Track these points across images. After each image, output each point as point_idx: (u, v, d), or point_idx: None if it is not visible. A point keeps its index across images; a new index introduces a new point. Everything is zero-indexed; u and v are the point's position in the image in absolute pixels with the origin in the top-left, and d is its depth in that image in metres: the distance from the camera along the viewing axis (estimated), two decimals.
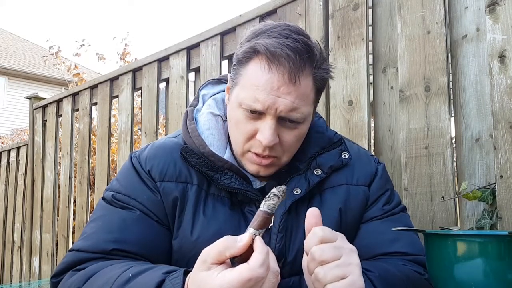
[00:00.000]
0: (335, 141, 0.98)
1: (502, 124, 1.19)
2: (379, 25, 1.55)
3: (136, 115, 4.46)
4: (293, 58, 0.80)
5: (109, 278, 0.76)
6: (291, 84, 0.81)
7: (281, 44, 0.81)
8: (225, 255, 0.63)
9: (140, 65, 2.47)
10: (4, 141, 9.42)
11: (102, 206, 0.92)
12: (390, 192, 0.99)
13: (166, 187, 0.90)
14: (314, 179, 0.92)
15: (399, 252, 0.91)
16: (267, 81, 0.81)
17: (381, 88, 1.53)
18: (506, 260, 0.67)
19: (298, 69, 0.81)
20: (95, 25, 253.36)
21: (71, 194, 2.97)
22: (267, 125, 0.83)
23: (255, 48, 0.83)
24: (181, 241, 0.89)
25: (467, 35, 1.34)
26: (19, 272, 3.43)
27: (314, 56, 0.84)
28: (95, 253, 0.85)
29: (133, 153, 0.97)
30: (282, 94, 0.81)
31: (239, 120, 0.87)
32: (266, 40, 0.82)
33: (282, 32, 0.83)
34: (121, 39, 7.15)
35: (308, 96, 0.85)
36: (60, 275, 0.86)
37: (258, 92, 0.82)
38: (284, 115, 0.83)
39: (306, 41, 0.83)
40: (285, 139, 0.86)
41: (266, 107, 0.82)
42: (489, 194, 1.22)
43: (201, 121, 0.96)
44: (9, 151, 3.80)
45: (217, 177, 0.89)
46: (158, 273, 0.71)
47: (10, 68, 14.00)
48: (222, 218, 0.89)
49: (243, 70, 0.86)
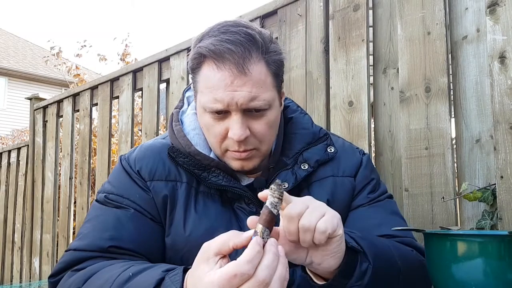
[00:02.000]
0: (320, 136, 1.01)
1: (502, 125, 1.19)
2: (380, 26, 1.55)
3: (137, 116, 4.45)
4: (235, 51, 0.82)
5: (109, 278, 0.76)
6: (242, 75, 0.83)
7: (221, 40, 0.83)
8: (229, 245, 0.62)
9: (140, 65, 2.47)
10: (5, 141, 9.42)
11: (96, 208, 0.94)
12: (375, 181, 1.02)
13: (156, 186, 0.92)
14: (301, 173, 0.94)
15: (387, 235, 0.93)
16: (219, 80, 0.84)
17: (381, 88, 1.53)
18: (506, 260, 0.67)
19: (244, 59, 0.83)
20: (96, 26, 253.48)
21: (71, 195, 2.97)
22: (233, 121, 0.86)
23: (199, 52, 0.86)
24: (174, 238, 0.91)
25: (468, 36, 1.34)
26: (19, 273, 3.43)
27: (257, 43, 0.85)
28: (92, 252, 0.85)
29: (123, 156, 1.00)
30: (237, 87, 0.83)
31: (209, 124, 0.89)
32: (207, 41, 0.85)
33: (221, 29, 0.86)
34: (121, 40, 7.15)
35: (265, 81, 0.86)
36: (57, 275, 0.87)
37: (215, 93, 0.84)
38: (246, 106, 0.85)
39: (245, 30, 0.85)
40: (256, 129, 0.88)
41: (226, 104, 0.84)
42: (489, 195, 1.22)
43: (186, 122, 0.99)
44: (9, 151, 3.80)
45: (205, 175, 0.92)
46: (158, 271, 0.72)
47: (11, 68, 14.01)
48: (213, 214, 0.91)
49: (198, 76, 0.89)
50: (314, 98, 1.66)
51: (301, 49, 1.71)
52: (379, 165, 1.51)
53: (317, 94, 1.65)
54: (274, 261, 0.60)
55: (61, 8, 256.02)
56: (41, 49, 15.51)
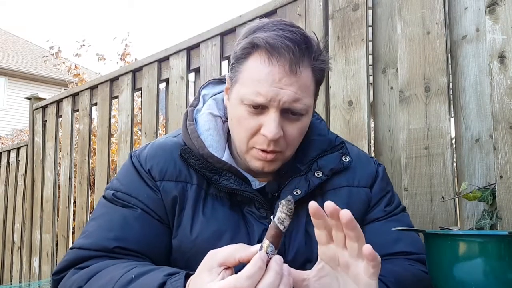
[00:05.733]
0: (336, 144, 0.98)
1: (502, 124, 1.19)
2: (379, 26, 1.55)
3: (136, 116, 4.45)
4: (293, 49, 0.80)
5: (111, 278, 0.75)
6: (292, 75, 0.81)
7: (280, 36, 0.81)
8: (235, 257, 0.61)
9: (140, 65, 2.47)
10: (4, 141, 9.42)
11: (102, 205, 0.92)
12: (391, 193, 1.00)
13: (166, 186, 0.90)
14: (314, 181, 0.92)
15: (403, 252, 0.91)
16: (268, 73, 0.81)
17: (381, 88, 1.53)
18: (506, 260, 0.67)
19: (298, 59, 0.81)
20: (96, 26, 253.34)
21: (71, 195, 2.97)
22: (271, 118, 0.83)
23: (253, 42, 0.83)
24: (180, 240, 0.89)
25: (467, 36, 1.34)
26: (19, 273, 3.43)
27: (312, 47, 0.84)
28: (96, 251, 0.85)
29: (133, 152, 0.97)
30: (284, 85, 0.81)
31: (242, 117, 0.86)
32: (264, 34, 0.83)
33: (278, 26, 0.84)
34: (121, 39, 7.14)
35: (309, 87, 0.85)
36: (61, 273, 0.86)
37: (260, 86, 0.82)
38: (288, 106, 0.83)
39: (303, 32, 0.84)
40: (288, 132, 0.86)
41: (269, 99, 0.82)
42: (489, 195, 1.22)
43: (201, 122, 0.95)
44: (9, 151, 3.80)
45: (216, 178, 0.89)
46: (159, 275, 0.71)
47: (10, 68, 13.99)
48: (221, 218, 0.89)
49: (242, 66, 0.86)
50: None
51: None
52: None
53: None
54: (276, 280, 0.59)
55: (60, 8, 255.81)
56: (41, 49, 15.49)
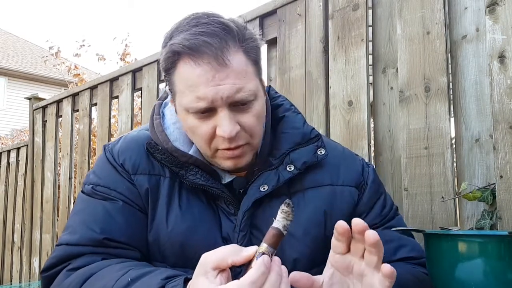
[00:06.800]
0: (311, 137, 0.94)
1: (501, 124, 1.19)
2: (379, 26, 1.55)
3: (136, 116, 4.44)
4: (211, 42, 0.77)
5: (107, 282, 0.74)
6: (223, 67, 0.78)
7: (194, 34, 0.78)
8: (227, 262, 0.60)
9: (140, 65, 2.47)
10: (4, 141, 9.41)
11: (82, 199, 0.91)
12: (384, 195, 0.99)
13: (139, 179, 0.89)
14: (285, 175, 0.89)
15: (405, 258, 0.91)
16: (198, 75, 0.78)
17: (381, 88, 1.53)
18: (506, 260, 0.67)
19: (222, 50, 0.78)
20: (95, 26, 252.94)
21: (71, 195, 2.97)
22: (221, 118, 0.80)
23: (173, 50, 0.80)
24: (156, 233, 0.88)
25: (467, 36, 1.34)
26: (19, 273, 3.43)
27: (232, 31, 0.80)
28: (85, 246, 0.83)
29: (107, 145, 0.95)
30: (219, 81, 0.78)
31: (194, 126, 0.84)
32: (179, 37, 0.80)
33: (191, 22, 0.81)
34: (121, 39, 7.14)
35: (247, 71, 0.82)
36: (49, 270, 0.85)
37: (196, 90, 0.79)
38: (232, 100, 0.80)
39: (217, 20, 0.80)
40: (245, 123, 0.83)
41: (210, 100, 0.79)
42: (489, 195, 1.22)
43: (168, 115, 0.94)
44: (9, 151, 3.80)
45: (182, 173, 0.88)
46: (157, 278, 0.70)
47: (10, 68, 13.99)
48: (197, 211, 0.88)
49: (174, 77, 0.83)
50: (314, 98, 1.66)
51: (301, 49, 1.71)
52: (378, 165, 1.51)
53: (317, 94, 1.65)
54: (277, 281, 0.59)
55: (60, 8, 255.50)
56: (41, 49, 15.49)
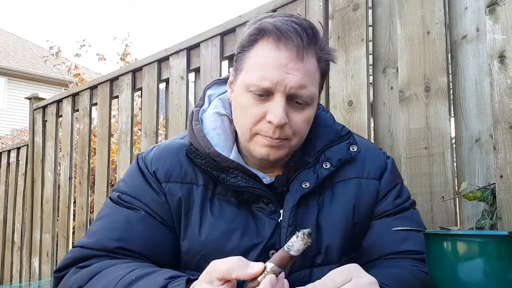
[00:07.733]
0: (343, 135, 0.98)
1: (502, 124, 1.19)
2: (379, 26, 1.55)
3: (136, 116, 4.45)
4: (301, 33, 0.81)
5: (112, 279, 0.76)
6: (299, 60, 0.82)
7: (287, 21, 0.83)
8: (231, 275, 0.62)
9: (140, 65, 2.47)
10: (4, 141, 9.42)
11: (108, 206, 0.93)
12: (400, 186, 1.00)
13: (171, 188, 0.90)
14: (323, 172, 0.91)
15: (410, 251, 0.91)
16: (275, 58, 0.81)
17: (381, 88, 1.53)
18: (506, 260, 0.67)
19: (305, 45, 0.82)
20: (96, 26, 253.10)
21: (71, 195, 2.97)
22: (276, 104, 0.82)
23: (261, 27, 0.84)
24: (190, 242, 0.89)
25: (467, 36, 1.34)
26: (19, 273, 3.43)
27: (318, 37, 0.85)
28: (98, 250, 0.85)
29: (140, 154, 0.97)
30: (290, 70, 0.81)
31: (246, 105, 0.85)
32: (272, 19, 0.84)
33: (285, 15, 0.86)
34: (121, 39, 7.14)
35: (314, 75, 0.85)
36: (63, 270, 0.87)
37: (266, 70, 0.82)
38: (294, 92, 0.82)
39: (310, 22, 0.85)
40: (294, 121, 0.85)
41: (275, 83, 0.81)
42: (489, 194, 1.22)
43: (207, 121, 0.95)
44: (9, 151, 3.80)
45: (223, 176, 0.89)
46: (161, 278, 0.71)
47: (10, 68, 13.99)
48: (230, 217, 0.89)
49: (249, 53, 0.86)
50: None
51: None
52: None
53: None
54: None
55: (61, 8, 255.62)
56: (41, 49, 15.49)
